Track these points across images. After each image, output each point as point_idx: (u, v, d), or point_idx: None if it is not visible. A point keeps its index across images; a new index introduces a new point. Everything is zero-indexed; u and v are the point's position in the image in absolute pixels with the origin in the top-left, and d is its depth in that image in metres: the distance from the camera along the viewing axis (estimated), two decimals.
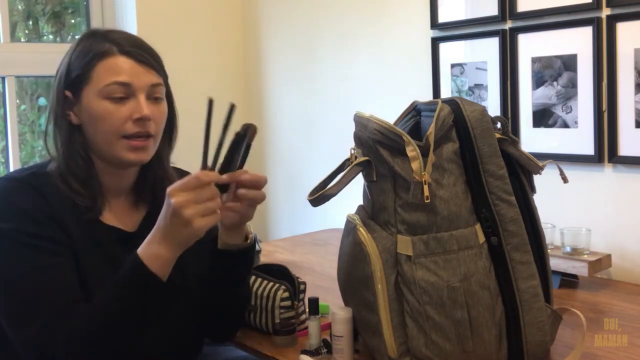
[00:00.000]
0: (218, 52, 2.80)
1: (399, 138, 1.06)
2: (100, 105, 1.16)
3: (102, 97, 1.16)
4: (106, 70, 1.16)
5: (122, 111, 1.16)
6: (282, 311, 1.31)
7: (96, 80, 1.16)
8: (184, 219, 1.03)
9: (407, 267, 1.06)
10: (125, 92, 1.16)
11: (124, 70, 1.17)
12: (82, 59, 1.18)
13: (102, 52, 1.17)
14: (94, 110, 1.16)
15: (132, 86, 1.17)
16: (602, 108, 1.73)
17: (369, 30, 2.34)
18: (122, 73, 1.16)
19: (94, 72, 1.16)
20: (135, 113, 1.16)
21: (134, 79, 1.17)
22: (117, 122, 1.16)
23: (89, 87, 1.17)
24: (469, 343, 1.05)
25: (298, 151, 2.68)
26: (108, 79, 1.16)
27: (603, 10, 1.72)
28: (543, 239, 1.16)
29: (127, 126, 1.17)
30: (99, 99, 1.16)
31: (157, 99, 1.21)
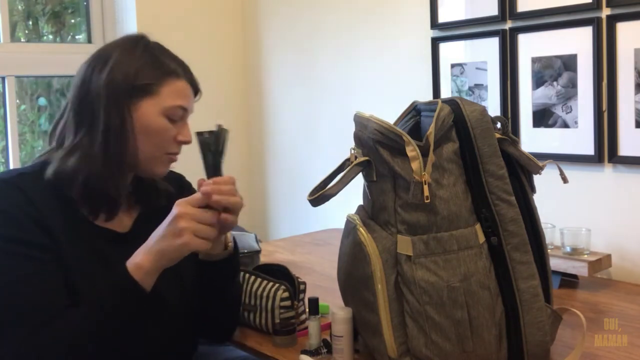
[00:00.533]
0: (218, 52, 2.80)
1: (399, 138, 1.06)
2: (160, 121, 1.20)
3: (163, 115, 1.20)
4: (174, 92, 1.21)
5: (173, 131, 1.22)
6: (282, 311, 1.31)
7: (163, 97, 1.20)
8: (178, 229, 1.07)
9: (407, 267, 1.06)
10: (182, 115, 1.23)
11: (185, 96, 1.23)
12: (153, 71, 1.20)
13: (171, 71, 1.22)
14: (153, 123, 1.19)
15: (187, 111, 1.24)
16: (602, 108, 1.73)
17: (369, 30, 2.34)
18: (185, 98, 1.23)
19: (162, 88, 1.20)
20: (181, 136, 1.23)
21: (189, 105, 1.25)
22: (168, 140, 1.21)
23: (152, 100, 1.19)
24: (469, 343, 1.05)
25: (298, 151, 2.68)
26: (175, 101, 1.21)
27: (603, 10, 1.72)
28: (543, 239, 1.16)
29: (173, 145, 1.23)
30: (160, 115, 1.20)
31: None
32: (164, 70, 1.21)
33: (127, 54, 1.21)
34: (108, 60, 1.20)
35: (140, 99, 1.18)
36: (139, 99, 1.18)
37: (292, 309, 1.32)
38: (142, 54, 1.21)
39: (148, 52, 1.23)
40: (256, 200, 2.89)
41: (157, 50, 1.25)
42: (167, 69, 1.21)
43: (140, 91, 1.18)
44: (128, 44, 1.23)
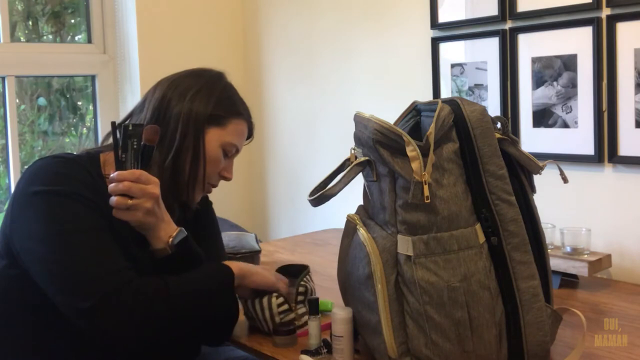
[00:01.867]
0: (218, 52, 2.80)
1: (399, 138, 1.06)
2: (217, 151, 1.30)
3: (221, 147, 1.31)
4: (236, 130, 1.33)
5: (223, 164, 1.32)
6: (281, 316, 1.31)
7: (227, 132, 1.31)
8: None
9: (407, 267, 1.06)
10: (233, 154, 1.34)
11: (243, 138, 1.36)
12: (227, 106, 1.32)
13: (240, 111, 1.34)
14: (212, 152, 1.29)
15: (238, 152, 1.36)
16: (602, 108, 1.73)
17: (369, 30, 2.34)
18: (242, 139, 1.36)
19: (229, 123, 1.31)
20: (225, 172, 1.34)
21: (241, 147, 1.36)
22: (216, 171, 1.31)
23: (218, 130, 1.30)
24: (469, 343, 1.05)
25: (298, 151, 2.68)
26: (234, 139, 1.32)
27: (603, 10, 1.72)
28: (543, 239, 1.16)
29: (216, 178, 1.33)
30: (219, 147, 1.30)
31: None
32: (236, 109, 1.34)
33: (210, 86, 1.33)
34: (190, 87, 1.31)
35: (210, 126, 1.29)
36: (210, 126, 1.29)
37: (291, 311, 1.32)
38: (222, 89, 1.34)
39: (227, 89, 1.36)
40: (256, 200, 2.89)
41: (232, 90, 1.37)
42: (238, 109, 1.34)
43: (213, 119, 1.29)
44: (211, 77, 1.36)
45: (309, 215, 2.59)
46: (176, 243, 1.20)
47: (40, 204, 1.15)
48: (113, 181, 1.13)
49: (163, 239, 1.19)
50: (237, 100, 1.35)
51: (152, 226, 1.17)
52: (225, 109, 1.31)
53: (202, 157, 1.28)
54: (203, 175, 1.29)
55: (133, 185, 1.13)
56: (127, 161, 1.16)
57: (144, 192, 1.14)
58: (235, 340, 1.35)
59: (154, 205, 1.15)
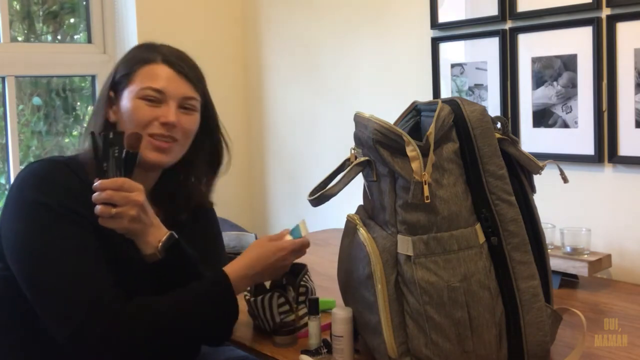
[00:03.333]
0: (218, 52, 2.80)
1: (399, 138, 1.06)
2: (135, 103, 1.26)
3: (137, 97, 1.26)
4: (146, 75, 1.27)
5: (153, 112, 1.26)
6: (282, 317, 1.31)
7: (136, 82, 1.27)
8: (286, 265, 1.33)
9: (407, 267, 1.06)
10: (159, 97, 1.26)
11: (161, 78, 1.27)
12: (128, 64, 1.30)
13: (146, 58, 1.29)
14: (128, 107, 1.26)
15: (165, 93, 1.26)
16: (602, 108, 1.73)
17: (369, 30, 2.34)
18: (160, 80, 1.27)
19: (135, 76, 1.28)
20: (162, 117, 1.25)
21: (169, 87, 1.27)
22: (145, 119, 1.25)
23: (129, 88, 1.27)
24: (469, 343, 1.05)
25: (298, 151, 2.68)
26: (146, 84, 1.26)
27: (603, 10, 1.72)
28: (543, 239, 1.16)
29: (154, 126, 1.25)
30: (135, 99, 1.26)
31: (188, 110, 1.30)
32: (139, 59, 1.29)
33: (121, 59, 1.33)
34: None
35: (120, 91, 1.28)
36: (120, 92, 1.28)
37: (292, 312, 1.32)
38: (128, 53, 1.33)
39: (132, 52, 1.33)
40: (256, 200, 2.89)
41: (148, 47, 1.33)
42: (142, 58, 1.29)
43: (119, 85, 1.29)
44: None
45: (309, 215, 2.59)
46: (166, 247, 1.18)
47: (29, 218, 1.16)
48: (96, 190, 1.13)
49: (152, 244, 1.18)
50: (145, 53, 1.31)
51: (139, 232, 1.17)
52: (126, 67, 1.30)
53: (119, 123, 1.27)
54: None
55: (115, 194, 1.12)
56: (109, 170, 1.16)
57: (127, 200, 1.13)
58: (235, 340, 1.35)
59: (139, 212, 1.14)
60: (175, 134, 1.27)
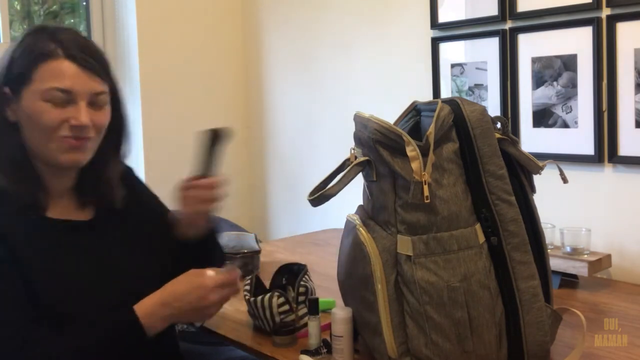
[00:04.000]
0: (218, 52, 2.80)
1: (399, 138, 1.06)
2: (39, 106, 1.13)
3: (41, 100, 1.13)
4: (49, 74, 1.13)
5: (61, 114, 1.13)
6: (282, 317, 1.31)
7: (38, 81, 1.13)
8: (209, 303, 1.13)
9: (407, 267, 1.06)
10: (66, 98, 1.13)
11: (66, 76, 1.13)
12: (26, 57, 1.14)
13: (46, 52, 1.13)
14: (33, 110, 1.13)
15: (73, 93, 1.13)
16: (602, 108, 1.73)
17: (369, 30, 2.34)
18: (65, 79, 1.13)
19: (36, 73, 1.13)
20: (72, 119, 1.14)
21: (76, 85, 1.14)
22: (53, 123, 1.13)
23: (29, 87, 1.13)
24: (469, 343, 1.05)
25: (298, 151, 2.68)
26: (50, 84, 1.12)
27: (603, 10, 1.72)
28: (543, 239, 1.16)
29: (63, 129, 1.14)
30: (39, 101, 1.13)
31: (99, 106, 1.18)
32: (38, 54, 1.13)
33: (9, 50, 1.16)
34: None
35: (19, 89, 1.13)
36: (18, 90, 1.13)
37: (292, 312, 1.32)
38: (19, 43, 1.16)
39: (27, 41, 1.16)
40: (256, 200, 2.89)
41: (44, 34, 1.16)
42: (42, 52, 1.13)
43: (16, 82, 1.13)
44: (15, 40, 1.18)
45: (309, 215, 2.59)
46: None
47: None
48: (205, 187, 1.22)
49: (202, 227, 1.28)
50: (41, 43, 1.14)
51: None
52: (23, 62, 1.14)
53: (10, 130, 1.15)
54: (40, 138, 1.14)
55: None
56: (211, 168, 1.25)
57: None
58: (235, 340, 1.35)
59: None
60: (88, 133, 1.16)
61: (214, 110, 2.75)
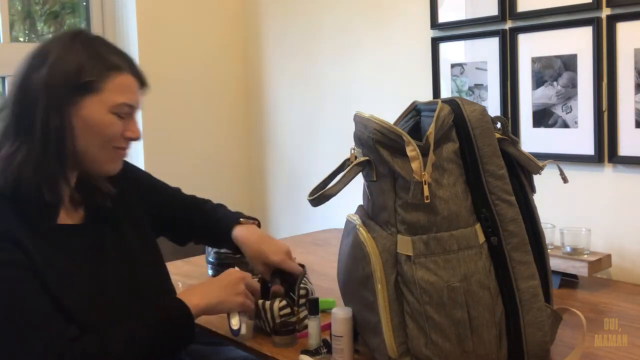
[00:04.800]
0: (218, 52, 2.80)
1: (399, 138, 1.06)
2: (106, 117, 1.16)
3: (110, 112, 1.16)
4: (120, 88, 1.17)
5: (121, 126, 1.19)
6: (283, 319, 1.31)
7: (108, 94, 1.15)
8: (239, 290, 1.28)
9: (407, 267, 1.06)
10: (129, 112, 1.20)
11: (133, 92, 1.20)
12: (95, 67, 1.14)
13: (116, 65, 1.17)
14: (97, 120, 1.15)
15: (134, 108, 1.21)
16: (602, 108, 1.73)
17: (369, 30, 2.34)
18: (132, 94, 1.20)
19: (106, 85, 1.15)
20: (129, 132, 1.20)
21: (137, 101, 1.21)
22: (116, 135, 1.18)
23: (97, 97, 1.15)
24: (469, 343, 1.05)
25: (298, 151, 2.68)
26: (120, 98, 1.17)
27: (603, 10, 1.72)
28: (543, 239, 1.16)
29: (120, 140, 1.20)
30: (107, 112, 1.16)
31: None
32: (107, 65, 1.16)
33: (66, 49, 1.15)
34: (46, 57, 1.14)
35: (84, 97, 1.14)
36: (82, 97, 1.14)
37: (293, 315, 1.32)
38: (82, 49, 1.15)
39: (89, 47, 1.16)
40: (256, 200, 2.89)
41: (98, 43, 1.19)
42: (110, 64, 1.16)
43: (83, 89, 1.14)
44: (67, 40, 1.16)
45: (309, 215, 2.59)
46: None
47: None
48: None
49: None
50: (105, 54, 1.17)
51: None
52: (94, 70, 1.14)
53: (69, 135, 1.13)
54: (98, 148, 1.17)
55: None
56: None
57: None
58: (235, 340, 1.35)
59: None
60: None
61: (214, 110, 2.75)
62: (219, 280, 1.28)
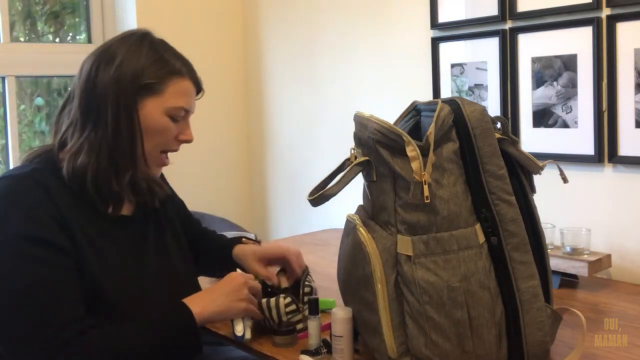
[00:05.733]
0: (218, 52, 2.80)
1: (399, 138, 1.06)
2: (163, 120, 1.21)
3: (166, 114, 1.21)
4: (178, 92, 1.22)
5: (175, 129, 1.24)
6: (289, 316, 1.31)
7: (167, 96, 1.21)
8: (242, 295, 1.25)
9: (407, 267, 1.06)
10: (184, 116, 1.25)
11: (190, 96, 1.25)
12: (158, 70, 1.20)
13: (176, 70, 1.22)
14: (157, 123, 1.21)
15: (189, 112, 1.26)
16: (602, 108, 1.73)
17: (369, 30, 2.34)
18: (189, 99, 1.25)
19: (167, 88, 1.21)
20: (182, 135, 1.25)
21: (192, 106, 1.26)
22: (169, 139, 1.24)
23: (157, 99, 1.20)
24: (469, 343, 1.05)
25: (298, 151, 2.68)
26: (178, 102, 1.22)
27: (603, 10, 1.72)
28: (543, 239, 1.16)
29: (173, 143, 1.25)
30: (163, 115, 1.21)
31: None
32: (169, 69, 1.22)
33: (133, 51, 1.21)
34: (114, 57, 1.20)
35: (145, 97, 1.19)
36: (144, 97, 1.19)
37: (299, 312, 1.32)
38: (148, 51, 1.21)
39: (154, 50, 1.23)
40: (256, 200, 2.89)
41: (162, 48, 1.25)
42: (172, 68, 1.22)
43: (146, 90, 1.19)
44: (134, 42, 1.22)
45: (309, 215, 2.59)
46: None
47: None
48: None
49: None
50: (169, 58, 1.23)
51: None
52: (157, 73, 1.20)
53: (138, 134, 1.19)
54: (152, 148, 1.21)
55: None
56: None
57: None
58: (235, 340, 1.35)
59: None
60: None
61: (214, 110, 2.75)
62: (222, 287, 1.26)
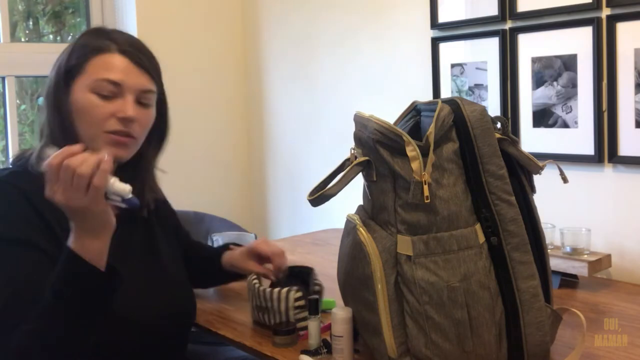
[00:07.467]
0: (218, 52, 2.80)
1: (399, 138, 1.06)
2: (87, 98, 1.16)
3: (90, 91, 1.16)
4: (100, 66, 1.17)
5: (108, 107, 1.17)
6: (296, 311, 1.31)
7: (89, 73, 1.17)
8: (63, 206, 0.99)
9: (407, 267, 1.06)
10: (115, 91, 1.17)
11: (117, 69, 1.17)
12: (80, 52, 1.19)
13: (99, 47, 1.18)
14: (81, 102, 1.17)
15: (122, 86, 1.17)
16: (602, 108, 1.74)
17: (369, 30, 2.34)
18: (116, 71, 1.17)
19: (87, 65, 1.17)
20: (120, 112, 1.17)
21: (126, 79, 1.17)
22: (101, 116, 1.16)
23: (80, 79, 1.17)
24: (469, 343, 1.05)
25: (298, 151, 2.68)
26: (100, 75, 1.16)
27: (603, 10, 1.72)
28: (543, 239, 1.16)
29: (111, 123, 1.17)
30: (87, 92, 1.16)
31: (145, 105, 1.22)
32: (92, 48, 1.19)
33: (68, 47, 1.22)
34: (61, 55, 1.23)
35: (72, 81, 1.18)
36: (71, 82, 1.18)
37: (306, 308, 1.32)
38: (78, 41, 1.22)
39: (84, 38, 1.22)
40: (256, 200, 2.89)
41: (100, 33, 1.22)
42: (95, 47, 1.18)
43: (72, 74, 1.18)
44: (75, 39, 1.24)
45: (309, 215, 2.59)
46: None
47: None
48: None
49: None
50: (96, 41, 1.19)
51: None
52: (79, 54, 1.18)
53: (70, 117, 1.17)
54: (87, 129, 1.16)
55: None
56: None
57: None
58: (235, 340, 1.35)
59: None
60: (133, 130, 1.18)
61: (214, 110, 2.76)
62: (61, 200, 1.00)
